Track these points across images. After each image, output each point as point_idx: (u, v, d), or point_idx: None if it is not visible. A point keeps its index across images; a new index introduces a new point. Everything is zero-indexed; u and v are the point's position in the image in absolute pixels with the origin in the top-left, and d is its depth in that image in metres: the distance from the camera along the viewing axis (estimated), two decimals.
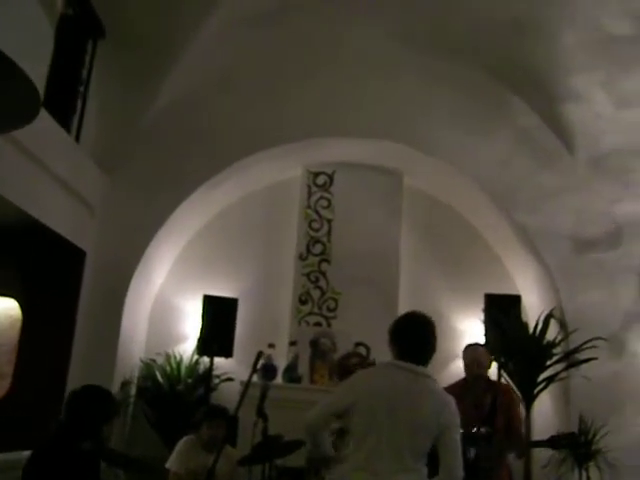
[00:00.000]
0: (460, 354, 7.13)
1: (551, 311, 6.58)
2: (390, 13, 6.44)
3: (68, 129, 5.93)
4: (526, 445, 4.58)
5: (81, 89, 6.22)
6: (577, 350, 6.30)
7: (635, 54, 6.13)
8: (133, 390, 6.76)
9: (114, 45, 6.32)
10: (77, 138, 6.13)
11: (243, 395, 3.68)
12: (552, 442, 4.35)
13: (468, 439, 4.23)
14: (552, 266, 6.89)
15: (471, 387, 4.67)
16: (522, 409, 4.84)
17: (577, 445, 5.57)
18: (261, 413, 4.00)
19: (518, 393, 5.56)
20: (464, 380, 4.83)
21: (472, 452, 4.19)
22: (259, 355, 3.91)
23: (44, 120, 5.14)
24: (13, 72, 2.98)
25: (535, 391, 6.10)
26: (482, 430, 4.31)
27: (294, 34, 6.63)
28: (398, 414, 3.19)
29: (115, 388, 6.31)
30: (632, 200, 6.87)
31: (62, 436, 3.55)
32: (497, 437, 4.32)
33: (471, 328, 7.15)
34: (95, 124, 6.41)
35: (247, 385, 3.75)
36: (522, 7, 5.99)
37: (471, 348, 4.98)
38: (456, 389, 4.66)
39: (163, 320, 7.25)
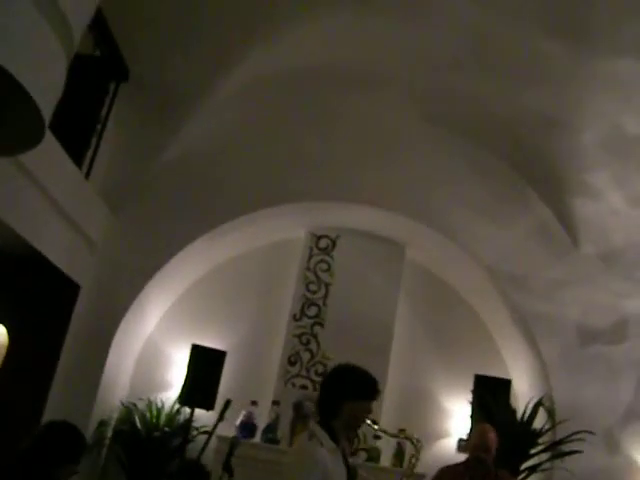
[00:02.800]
0: (445, 433, 7.15)
1: (540, 399, 6.51)
2: (412, 90, 6.60)
3: (80, 164, 6.01)
4: None
5: (98, 127, 6.33)
6: (563, 441, 6.19)
7: None
8: (110, 432, 6.65)
9: (136, 89, 6.46)
10: (87, 174, 6.20)
11: (206, 444, 3.64)
12: None
13: None
14: (547, 354, 6.84)
15: (472, 469, 4.50)
16: None
17: None
18: (227, 467, 3.91)
19: None
20: (466, 461, 4.60)
21: None
22: (227, 403, 3.86)
23: (55, 152, 5.26)
24: (20, 93, 3.09)
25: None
26: None
27: (310, 100, 6.78)
28: None
29: (91, 427, 6.25)
30: None
31: (22, 465, 3.47)
32: None
33: (459, 408, 7.08)
34: (108, 163, 6.51)
35: (211, 432, 3.71)
36: (544, 103, 6.13)
37: (482, 431, 4.63)
38: (458, 468, 4.64)
39: (150, 365, 7.18)
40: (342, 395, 3.05)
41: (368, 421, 3.24)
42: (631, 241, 6.88)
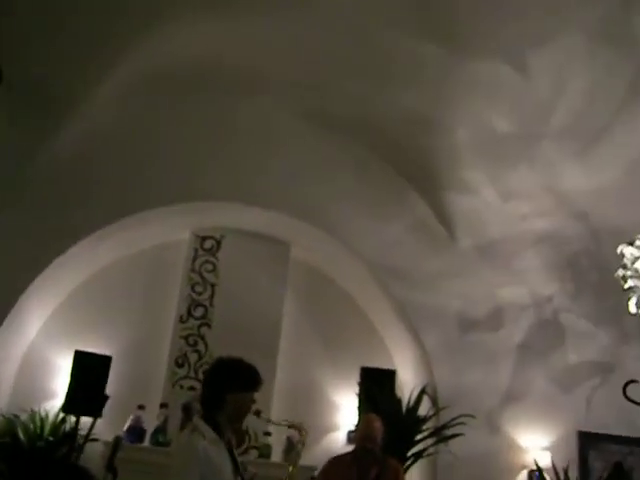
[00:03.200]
0: (335, 426, 7.28)
1: (424, 387, 6.73)
2: (291, 89, 6.65)
3: None
4: None
5: None
6: (446, 426, 6.41)
7: (519, 151, 6.54)
8: None
9: (10, 90, 6.21)
10: None
11: (83, 444, 3.60)
12: None
13: None
14: (429, 344, 7.09)
15: (359, 459, 4.62)
16: None
17: None
18: (111, 468, 3.85)
19: None
20: (354, 451, 4.75)
21: None
22: (104, 399, 3.82)
23: None
24: None
25: (404, 466, 6.13)
26: None
27: (192, 100, 6.72)
28: None
29: None
30: (514, 285, 7.26)
31: None
32: None
33: (347, 400, 7.22)
34: None
35: (89, 432, 3.67)
36: (420, 103, 6.33)
37: (367, 421, 4.79)
38: (345, 458, 4.76)
39: (33, 374, 6.95)
40: (224, 388, 3.10)
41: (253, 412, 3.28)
42: (505, 234, 7.21)
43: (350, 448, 5.07)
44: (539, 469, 6.29)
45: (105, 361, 6.40)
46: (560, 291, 7.26)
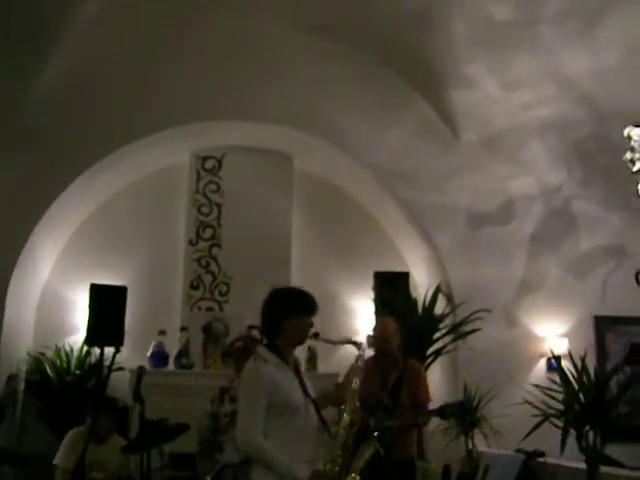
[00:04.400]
0: (353, 332, 7.37)
1: (438, 285, 6.78)
2: (288, 2, 6.42)
3: None
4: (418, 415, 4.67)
5: None
6: (463, 323, 6.50)
7: (519, 39, 6.32)
8: (22, 385, 6.57)
9: None
10: None
11: (107, 375, 3.69)
12: (440, 411, 4.59)
13: (369, 410, 4.33)
14: (440, 243, 7.10)
15: (379, 362, 4.70)
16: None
17: (464, 412, 5.71)
18: (137, 397, 3.94)
19: None
20: (374, 356, 4.80)
21: (372, 422, 4.27)
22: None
23: None
24: None
25: (425, 364, 6.22)
26: (384, 402, 4.44)
27: (182, 17, 6.50)
28: None
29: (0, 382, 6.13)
30: (522, 176, 7.20)
31: None
32: (399, 410, 4.46)
33: (363, 306, 7.30)
34: None
35: (111, 364, 3.77)
36: (416, 1, 6.07)
37: (380, 323, 4.93)
38: (368, 363, 4.79)
39: (52, 311, 7.06)
40: (280, 316, 3.20)
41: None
42: (509, 125, 7.06)
43: (371, 353, 5.16)
44: (556, 357, 6.34)
45: (121, 291, 6.43)
46: (569, 179, 7.18)
